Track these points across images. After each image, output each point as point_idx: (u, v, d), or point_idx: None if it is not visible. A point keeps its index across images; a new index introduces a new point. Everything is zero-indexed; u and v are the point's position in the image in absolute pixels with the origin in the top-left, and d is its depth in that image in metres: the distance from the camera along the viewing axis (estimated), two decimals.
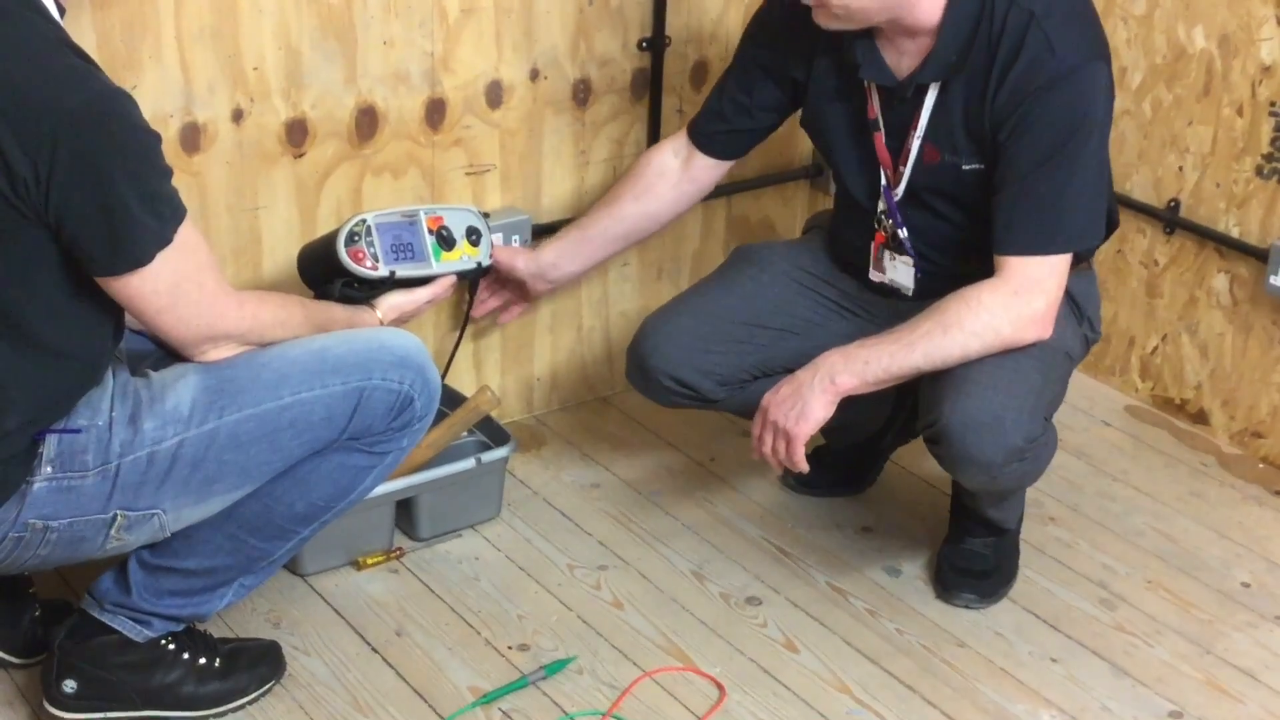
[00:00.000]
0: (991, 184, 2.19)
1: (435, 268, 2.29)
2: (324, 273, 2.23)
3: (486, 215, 2.43)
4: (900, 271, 2.36)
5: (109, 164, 1.70)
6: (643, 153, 2.58)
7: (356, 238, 2.21)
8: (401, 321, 2.25)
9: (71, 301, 1.80)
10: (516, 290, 2.59)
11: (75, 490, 1.84)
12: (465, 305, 2.59)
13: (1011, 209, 2.15)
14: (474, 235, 2.35)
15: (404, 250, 2.25)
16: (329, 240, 2.23)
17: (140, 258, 1.76)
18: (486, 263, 2.38)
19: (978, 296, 2.15)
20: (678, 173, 2.49)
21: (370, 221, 2.23)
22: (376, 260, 2.21)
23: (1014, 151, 2.15)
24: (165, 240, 1.77)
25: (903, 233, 2.32)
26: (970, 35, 2.15)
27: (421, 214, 2.30)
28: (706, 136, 2.47)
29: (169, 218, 1.77)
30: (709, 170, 2.50)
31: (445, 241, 2.30)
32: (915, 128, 2.24)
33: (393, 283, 2.23)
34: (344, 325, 2.07)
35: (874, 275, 2.40)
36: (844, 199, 2.45)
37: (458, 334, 2.64)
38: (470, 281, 2.50)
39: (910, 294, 2.36)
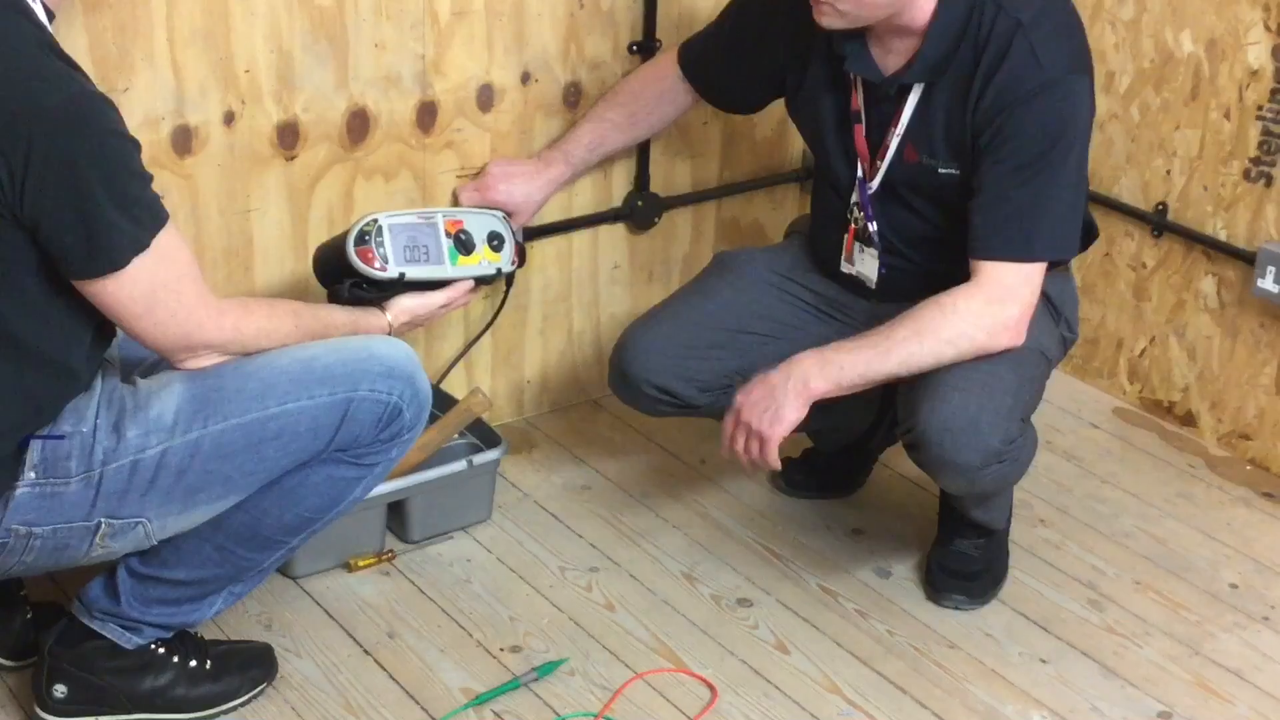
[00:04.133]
0: (968, 188, 2.20)
1: (450, 271, 2.25)
2: (335, 272, 2.21)
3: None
4: (866, 264, 2.38)
5: (83, 166, 1.70)
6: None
7: (367, 237, 2.17)
8: (413, 325, 2.24)
9: (52, 304, 1.79)
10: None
11: (58, 497, 1.84)
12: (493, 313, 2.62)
13: (989, 214, 2.16)
14: (496, 240, 2.33)
15: (417, 252, 2.21)
16: (340, 239, 2.21)
17: (115, 261, 1.75)
18: (509, 269, 2.35)
19: (952, 303, 2.16)
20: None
21: (382, 221, 2.20)
22: (386, 261, 2.18)
23: (994, 158, 2.16)
24: (142, 245, 1.76)
25: (873, 226, 2.34)
26: (957, 39, 2.16)
27: (440, 216, 2.27)
28: (696, 71, 2.53)
29: (147, 223, 1.77)
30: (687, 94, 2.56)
31: (463, 245, 2.26)
32: (895, 126, 2.26)
33: (403, 285, 2.19)
34: (344, 331, 2.05)
35: (844, 267, 2.41)
36: (821, 193, 2.47)
37: (473, 337, 2.69)
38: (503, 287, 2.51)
39: (873, 286, 2.38)
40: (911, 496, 2.71)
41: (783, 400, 2.18)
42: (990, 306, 2.16)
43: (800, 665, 2.29)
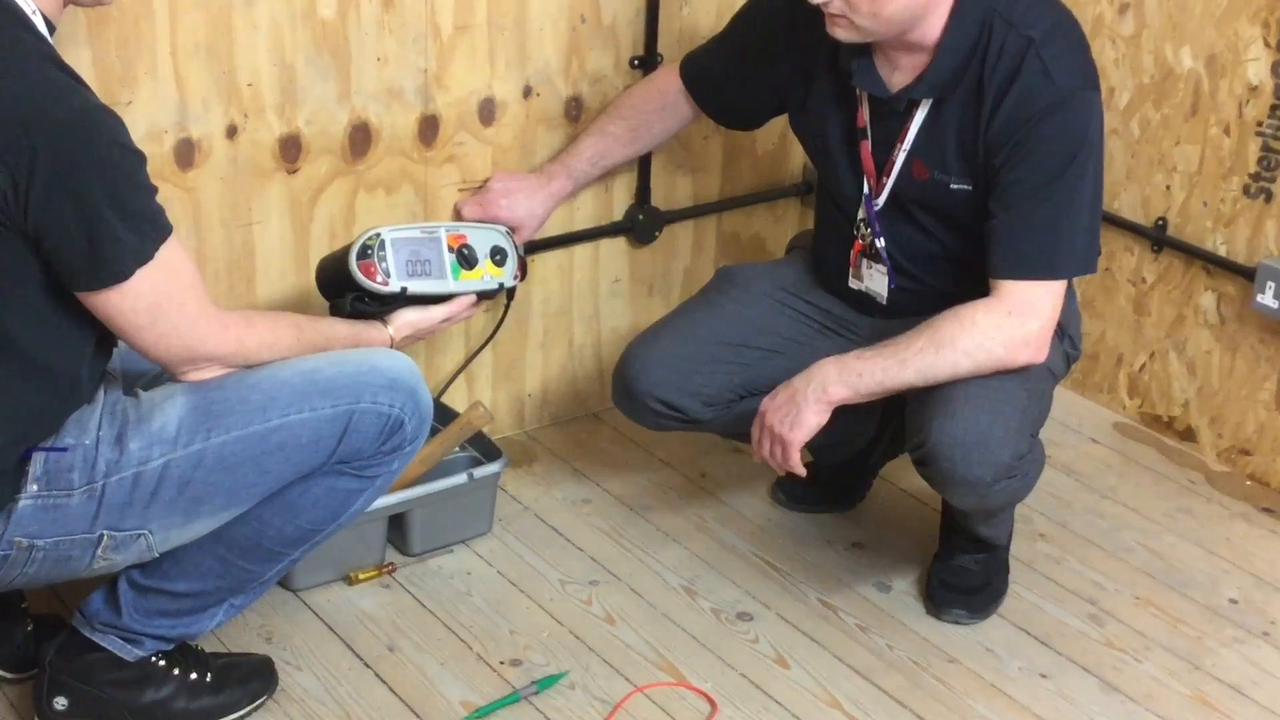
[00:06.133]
0: (984, 207, 2.21)
1: (453, 286, 2.26)
2: (337, 285, 2.22)
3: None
4: (875, 280, 2.38)
5: (88, 178, 1.70)
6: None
7: (369, 251, 2.19)
8: (415, 339, 2.24)
9: (55, 316, 1.79)
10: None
11: (61, 509, 1.84)
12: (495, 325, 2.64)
13: (1010, 235, 2.17)
14: (499, 255, 2.33)
15: (420, 266, 2.22)
16: (343, 253, 2.22)
17: (119, 273, 1.75)
18: (511, 284, 2.36)
19: (972, 316, 2.17)
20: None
21: (385, 235, 2.21)
22: (388, 275, 2.19)
23: (1012, 177, 2.16)
24: (145, 257, 1.76)
25: (880, 242, 2.34)
26: (967, 56, 2.17)
27: (443, 230, 2.28)
28: (698, 86, 2.53)
29: (151, 235, 1.77)
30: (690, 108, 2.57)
31: (466, 260, 2.27)
32: (902, 141, 2.26)
33: (405, 299, 2.20)
34: (345, 344, 2.06)
35: (852, 283, 2.42)
36: (826, 209, 2.48)
37: (474, 351, 2.68)
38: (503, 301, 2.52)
39: (883, 302, 2.39)
40: (911, 511, 2.71)
41: (803, 405, 2.20)
42: (1010, 320, 2.16)
43: (800, 679, 2.29)
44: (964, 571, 2.46)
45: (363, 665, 2.26)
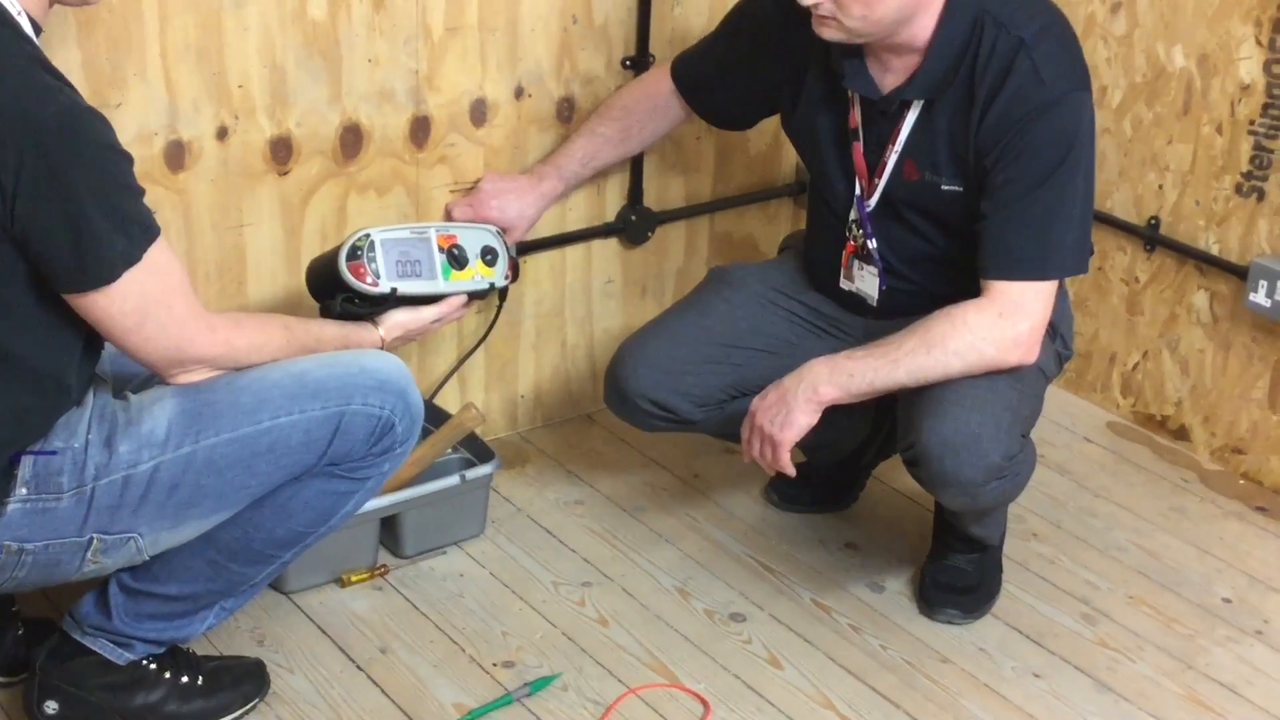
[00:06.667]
0: (975, 208, 2.21)
1: (443, 286, 2.26)
2: (327, 286, 2.22)
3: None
4: (867, 281, 2.38)
5: (75, 180, 1.70)
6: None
7: (359, 252, 2.18)
8: (406, 340, 2.24)
9: (43, 318, 1.79)
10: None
11: (50, 513, 1.83)
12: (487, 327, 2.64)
13: (1000, 235, 2.17)
14: (490, 255, 2.33)
15: (410, 267, 2.22)
16: (332, 254, 2.22)
17: (106, 276, 1.75)
18: (502, 284, 2.36)
19: (963, 316, 2.17)
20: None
21: (374, 236, 2.20)
22: (378, 276, 2.18)
23: (1003, 178, 2.16)
24: (133, 259, 1.76)
25: (872, 243, 2.34)
26: (958, 57, 2.17)
27: (432, 231, 2.28)
28: (689, 87, 2.53)
29: (138, 237, 1.77)
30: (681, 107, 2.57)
31: (456, 260, 2.27)
32: (894, 143, 2.26)
33: (395, 300, 2.20)
34: (335, 345, 2.05)
35: (843, 284, 2.42)
36: (817, 210, 2.48)
37: (466, 352, 2.69)
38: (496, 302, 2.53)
39: (874, 304, 2.39)
40: (905, 511, 2.71)
41: (794, 405, 2.20)
42: (1001, 321, 2.16)
43: (793, 680, 2.29)
44: (957, 571, 2.46)
45: (355, 668, 2.26)
